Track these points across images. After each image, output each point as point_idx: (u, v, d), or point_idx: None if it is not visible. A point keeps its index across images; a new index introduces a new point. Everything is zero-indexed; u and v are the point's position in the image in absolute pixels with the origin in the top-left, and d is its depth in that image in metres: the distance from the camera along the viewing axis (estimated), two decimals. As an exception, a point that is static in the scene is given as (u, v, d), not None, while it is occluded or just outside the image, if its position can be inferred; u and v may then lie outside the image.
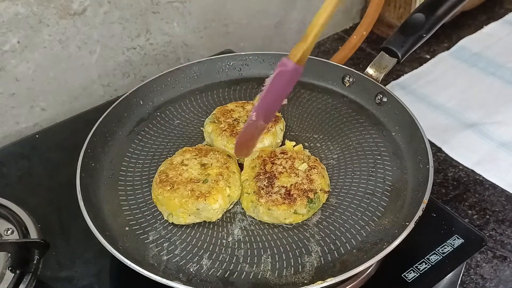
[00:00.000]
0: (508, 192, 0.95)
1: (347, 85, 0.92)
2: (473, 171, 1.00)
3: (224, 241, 0.70)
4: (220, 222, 0.72)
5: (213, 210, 0.70)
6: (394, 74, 1.24)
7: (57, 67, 1.00)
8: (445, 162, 1.02)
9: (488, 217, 0.91)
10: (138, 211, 0.74)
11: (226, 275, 0.66)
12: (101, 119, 0.83)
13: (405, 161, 0.78)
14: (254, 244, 0.69)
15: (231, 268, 0.67)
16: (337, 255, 0.67)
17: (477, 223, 0.90)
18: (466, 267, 0.83)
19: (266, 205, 0.70)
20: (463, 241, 0.75)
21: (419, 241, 0.73)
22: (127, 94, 0.88)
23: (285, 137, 0.85)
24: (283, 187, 0.71)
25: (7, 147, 0.96)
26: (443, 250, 0.74)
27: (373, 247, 0.67)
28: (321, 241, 0.69)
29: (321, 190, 0.72)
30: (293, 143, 0.79)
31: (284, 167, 0.74)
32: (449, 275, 0.72)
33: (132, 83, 1.10)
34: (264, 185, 0.72)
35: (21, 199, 0.81)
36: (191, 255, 0.68)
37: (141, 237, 0.70)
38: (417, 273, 0.71)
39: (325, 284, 0.60)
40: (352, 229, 0.70)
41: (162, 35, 1.10)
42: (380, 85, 0.86)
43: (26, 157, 0.93)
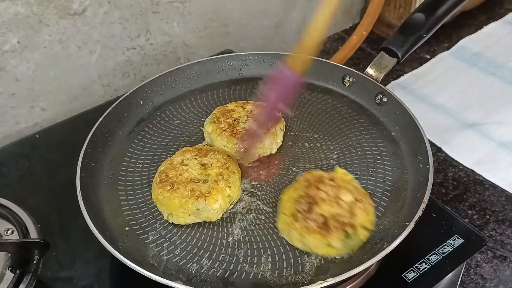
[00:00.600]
0: (508, 192, 0.95)
1: (347, 85, 0.92)
2: (473, 171, 1.00)
3: (224, 241, 0.70)
4: (220, 222, 0.72)
5: (213, 210, 0.70)
6: (394, 74, 1.24)
7: (57, 67, 1.00)
8: (445, 162, 1.02)
9: (488, 217, 0.91)
10: (138, 211, 0.74)
11: (226, 275, 0.66)
12: (101, 119, 0.83)
13: (405, 161, 0.78)
14: (254, 244, 0.69)
15: (231, 268, 0.67)
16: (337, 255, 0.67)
17: (477, 223, 0.90)
18: (466, 267, 0.83)
19: (299, 230, 0.66)
20: (463, 241, 0.75)
21: (419, 241, 0.73)
22: (127, 94, 0.88)
23: (285, 137, 0.85)
24: (322, 215, 0.67)
25: (7, 147, 0.96)
26: (443, 250, 0.74)
27: (373, 247, 0.67)
28: (321, 241, 0.69)
29: (362, 226, 0.66)
30: (345, 171, 0.75)
31: (328, 195, 0.69)
32: (449, 275, 0.72)
33: (132, 83, 1.10)
34: (302, 209, 0.68)
35: (21, 199, 0.81)
36: (191, 255, 0.68)
37: (141, 237, 0.70)
38: (417, 273, 0.71)
39: (325, 284, 0.60)
40: (352, 229, 0.70)
41: (162, 35, 1.10)
42: (380, 85, 0.86)
43: (26, 157, 0.93)
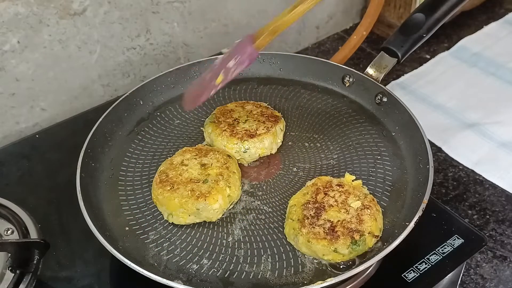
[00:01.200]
0: (508, 192, 0.95)
1: (347, 85, 0.92)
2: (473, 171, 1.00)
3: (224, 241, 0.70)
4: (220, 222, 0.72)
5: (213, 210, 0.70)
6: (394, 74, 1.24)
7: (57, 67, 1.00)
8: (445, 162, 1.02)
9: (488, 217, 0.91)
10: (138, 211, 0.74)
11: (226, 275, 0.66)
12: (101, 119, 0.83)
13: (405, 161, 0.78)
14: (254, 244, 0.69)
15: (231, 268, 0.67)
16: (337, 255, 0.67)
17: (477, 223, 0.90)
18: (466, 267, 0.83)
19: (306, 236, 0.66)
20: (463, 241, 0.75)
21: (419, 241, 0.73)
22: (127, 94, 0.88)
23: (285, 137, 0.85)
24: (329, 221, 0.67)
25: (7, 147, 0.96)
26: (443, 250, 0.74)
27: (373, 247, 0.67)
28: (321, 241, 0.69)
29: (369, 233, 0.66)
30: (353, 177, 0.75)
31: (336, 201, 0.69)
32: (449, 275, 0.72)
33: (132, 83, 1.10)
34: (310, 214, 0.67)
35: (21, 199, 0.81)
36: (191, 255, 0.68)
37: (141, 237, 0.70)
38: (417, 273, 0.71)
39: (325, 284, 0.60)
40: (352, 229, 0.70)
41: (162, 35, 1.10)
42: (380, 85, 0.86)
43: (26, 157, 0.93)
